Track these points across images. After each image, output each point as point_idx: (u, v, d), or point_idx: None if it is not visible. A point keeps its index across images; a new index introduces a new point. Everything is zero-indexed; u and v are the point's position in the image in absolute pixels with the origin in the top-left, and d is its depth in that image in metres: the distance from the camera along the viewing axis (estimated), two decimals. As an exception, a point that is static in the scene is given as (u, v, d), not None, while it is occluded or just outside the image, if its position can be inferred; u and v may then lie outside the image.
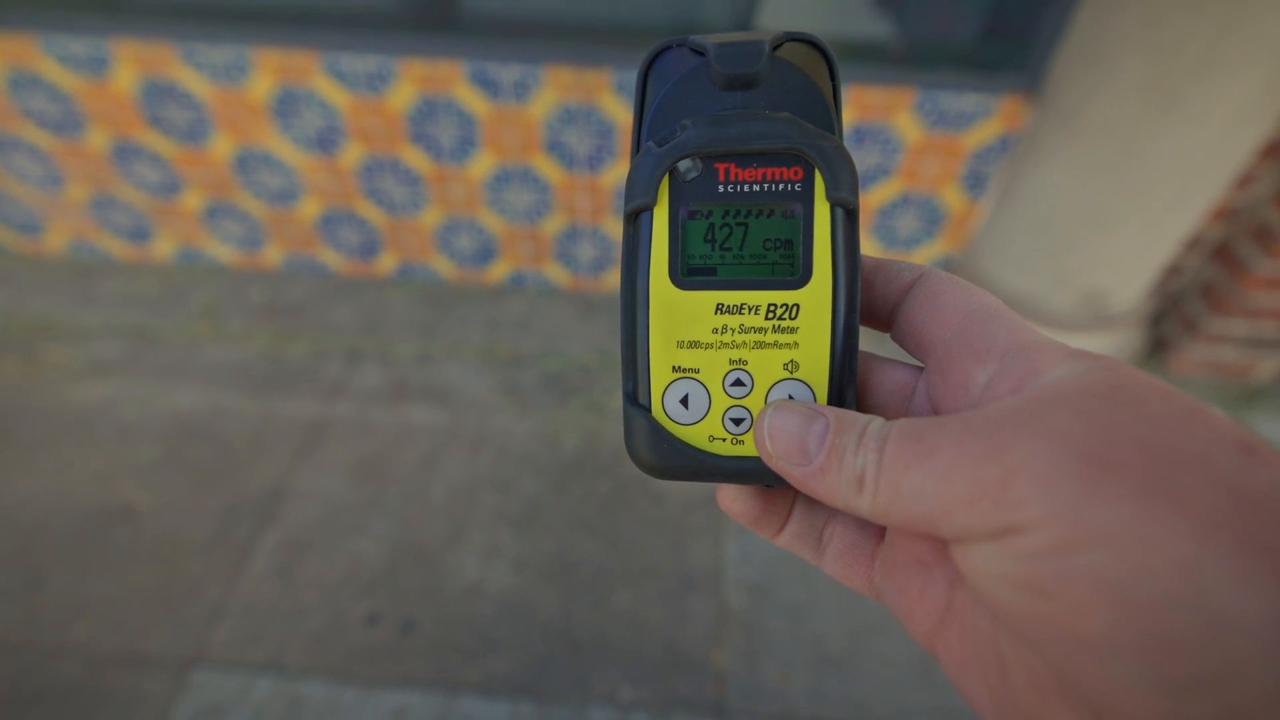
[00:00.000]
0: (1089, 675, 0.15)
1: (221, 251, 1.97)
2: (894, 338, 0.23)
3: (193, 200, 1.84)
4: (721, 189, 0.21)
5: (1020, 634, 0.16)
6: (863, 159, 1.58)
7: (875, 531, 0.23)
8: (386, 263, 1.95)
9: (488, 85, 1.52)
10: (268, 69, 1.53)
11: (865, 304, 0.23)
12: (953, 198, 1.65)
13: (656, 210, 0.21)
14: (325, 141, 1.66)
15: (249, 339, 1.80)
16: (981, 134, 1.52)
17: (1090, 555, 0.14)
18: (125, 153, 1.73)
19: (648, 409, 0.22)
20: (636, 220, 0.22)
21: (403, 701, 1.15)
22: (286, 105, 1.60)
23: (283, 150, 1.69)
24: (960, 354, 0.19)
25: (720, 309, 0.21)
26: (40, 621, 1.24)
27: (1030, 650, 0.17)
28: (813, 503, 0.24)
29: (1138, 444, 0.15)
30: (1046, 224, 1.51)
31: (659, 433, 0.22)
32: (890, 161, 1.58)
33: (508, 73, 1.49)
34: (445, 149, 1.65)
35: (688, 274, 0.22)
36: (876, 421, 0.19)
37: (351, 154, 1.68)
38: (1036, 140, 1.46)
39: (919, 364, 0.22)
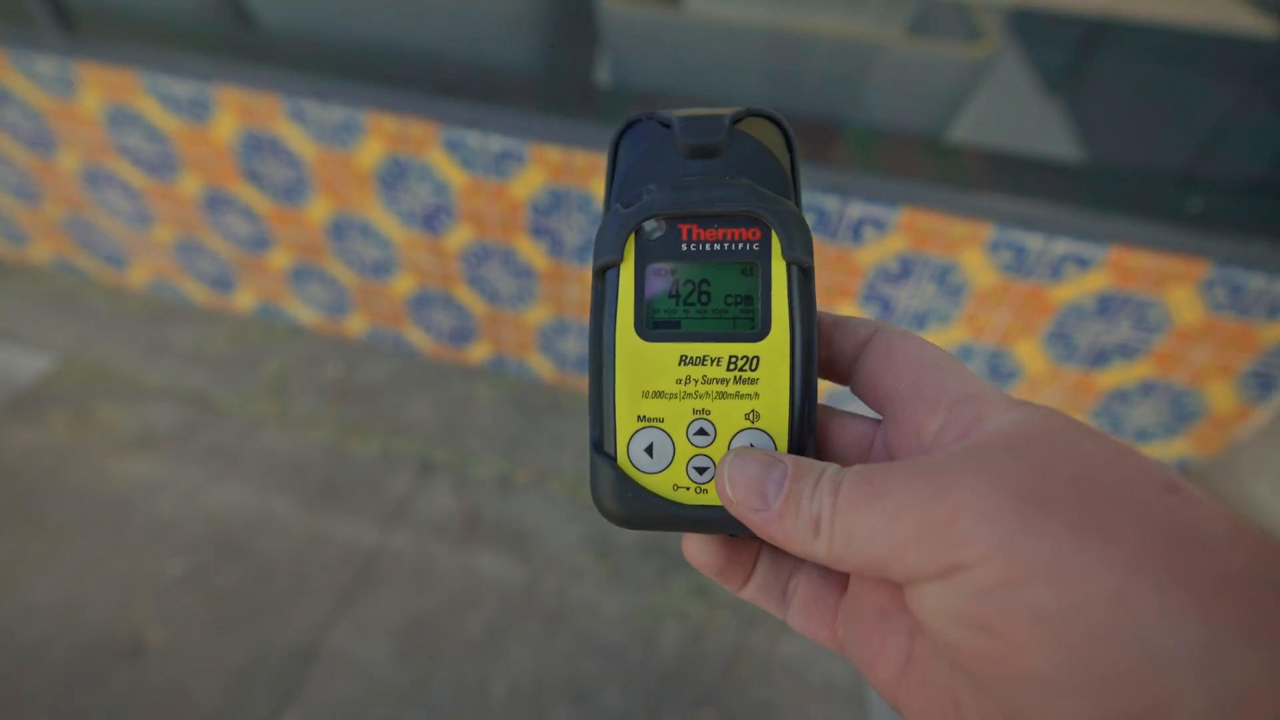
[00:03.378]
0: (1036, 714, 0.15)
1: (303, 313, 1.76)
2: (853, 390, 0.23)
3: (280, 259, 1.63)
4: (685, 248, 0.22)
5: (971, 675, 0.17)
6: (1106, 334, 1.18)
7: (838, 583, 0.23)
8: (478, 352, 1.69)
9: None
10: (381, 135, 1.30)
11: (825, 358, 0.24)
12: (1220, 395, 1.23)
13: (623, 266, 0.22)
14: (432, 219, 1.41)
15: (315, 426, 1.56)
16: (1292, 328, 1.11)
17: (1029, 590, 0.15)
18: (217, 202, 1.54)
19: (613, 458, 0.22)
20: (604, 276, 0.23)
21: None
22: (395, 176, 1.36)
23: (383, 222, 1.46)
24: (913, 404, 0.20)
25: (684, 360, 0.22)
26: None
27: (983, 693, 0.17)
28: (778, 555, 0.24)
29: (1070, 481, 0.15)
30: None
31: (624, 481, 0.22)
32: (1145, 341, 1.18)
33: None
34: (568, 245, 1.36)
35: (653, 326, 0.22)
36: (832, 467, 0.19)
37: (459, 236, 1.43)
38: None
39: (878, 416, 0.23)
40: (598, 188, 1.26)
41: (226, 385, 1.64)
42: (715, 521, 0.22)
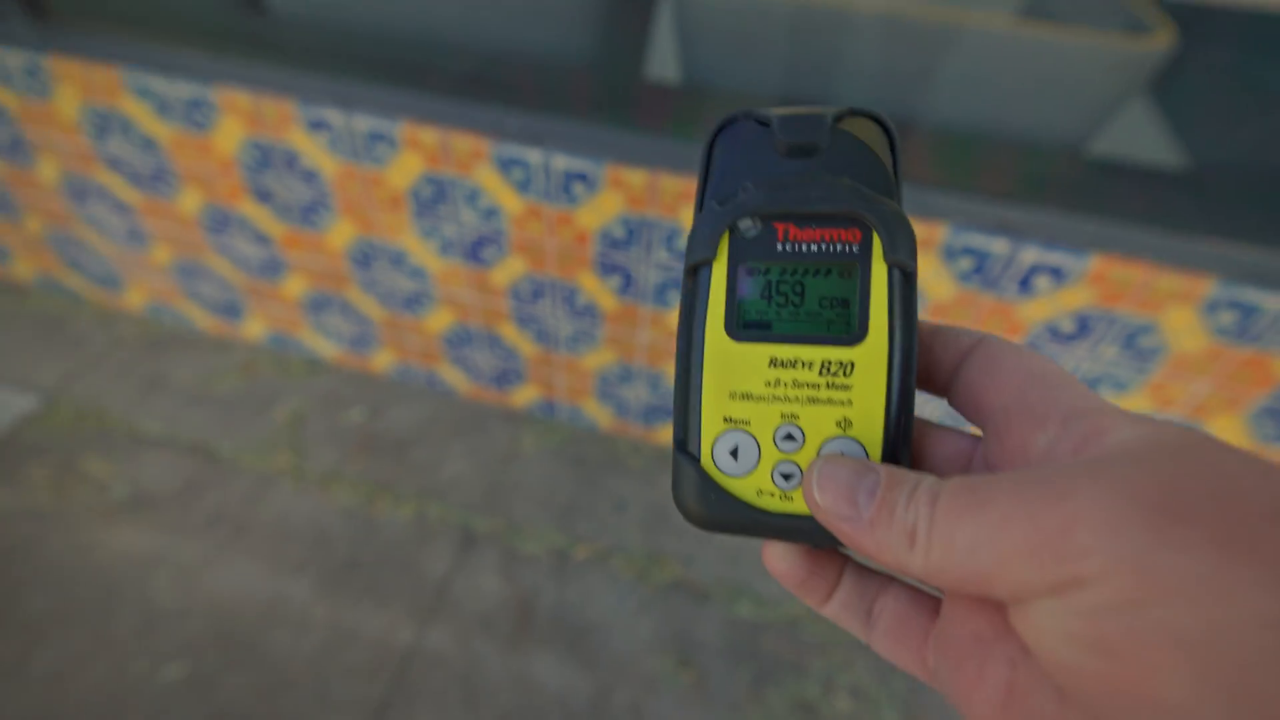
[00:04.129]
0: None
1: (322, 346, 1.53)
2: (952, 403, 0.22)
3: (295, 286, 1.40)
4: (780, 248, 0.21)
5: (1087, 706, 0.15)
6: (1340, 412, 0.93)
7: (929, 606, 0.21)
8: (524, 395, 1.45)
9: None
10: (418, 150, 1.05)
11: (923, 368, 0.22)
12: None
13: (715, 265, 0.22)
14: (478, 250, 1.17)
15: (336, 485, 1.33)
16: None
17: (1161, 609, 0.13)
18: (221, 221, 1.30)
19: (697, 458, 0.22)
20: (696, 274, 0.22)
21: None
22: (433, 199, 1.11)
23: (418, 250, 1.21)
24: (1019, 418, 0.18)
25: (774, 363, 0.21)
26: None
27: None
28: (863, 571, 0.23)
29: (1211, 496, 0.14)
30: None
31: (707, 483, 0.22)
32: (1391, 423, 0.93)
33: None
34: (645, 285, 1.12)
35: (744, 327, 0.21)
36: (930, 478, 0.18)
37: (510, 269, 1.18)
38: None
39: (978, 432, 0.21)
40: (687, 217, 1.01)
41: (234, 432, 1.41)
42: (799, 530, 0.21)
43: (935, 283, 0.97)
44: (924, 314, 1.00)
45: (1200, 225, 0.88)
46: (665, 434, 1.41)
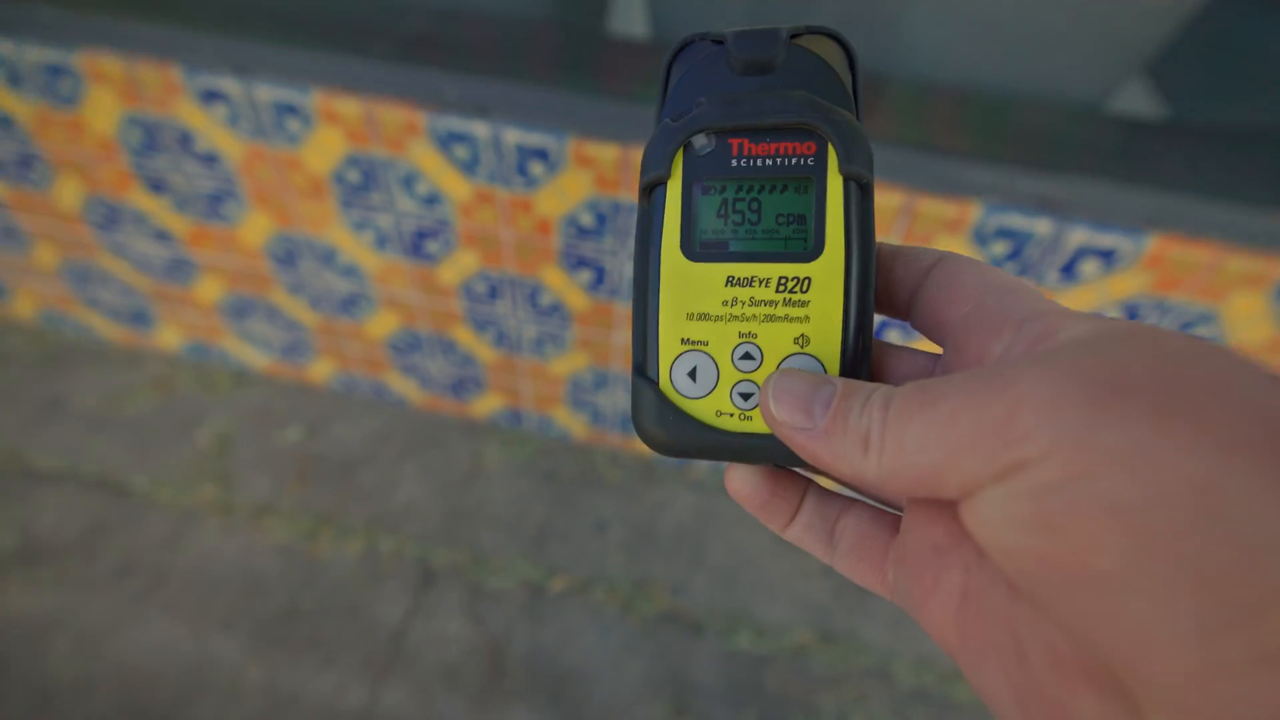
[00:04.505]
0: (1106, 624, 0.13)
1: (249, 355, 1.33)
2: (913, 324, 0.21)
3: (209, 289, 1.20)
4: (735, 164, 0.21)
5: (1033, 590, 0.15)
6: None
7: (889, 524, 0.22)
8: (486, 405, 1.28)
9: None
10: (338, 126, 0.86)
11: (884, 290, 0.22)
12: None
13: (670, 184, 0.21)
14: (420, 243, 0.99)
15: (271, 519, 1.16)
16: None
17: (1100, 482, 0.13)
18: (108, 216, 1.09)
19: (655, 382, 0.21)
20: (651, 194, 0.21)
21: None
22: (361, 184, 0.93)
23: (349, 245, 1.03)
24: (977, 328, 0.18)
25: (731, 281, 0.21)
26: None
27: (1045, 619, 0.15)
28: (825, 494, 0.23)
29: (1152, 370, 0.13)
30: None
31: (666, 406, 0.21)
32: None
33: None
34: (621, 279, 0.95)
35: (700, 246, 0.21)
36: (885, 387, 0.18)
37: (460, 265, 1.01)
38: None
39: (938, 351, 0.21)
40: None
41: (148, 462, 1.22)
42: (760, 450, 0.21)
43: (962, 271, 0.82)
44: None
45: (1267, 189, 0.75)
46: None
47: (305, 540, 1.14)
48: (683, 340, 0.21)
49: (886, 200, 0.78)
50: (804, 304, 0.20)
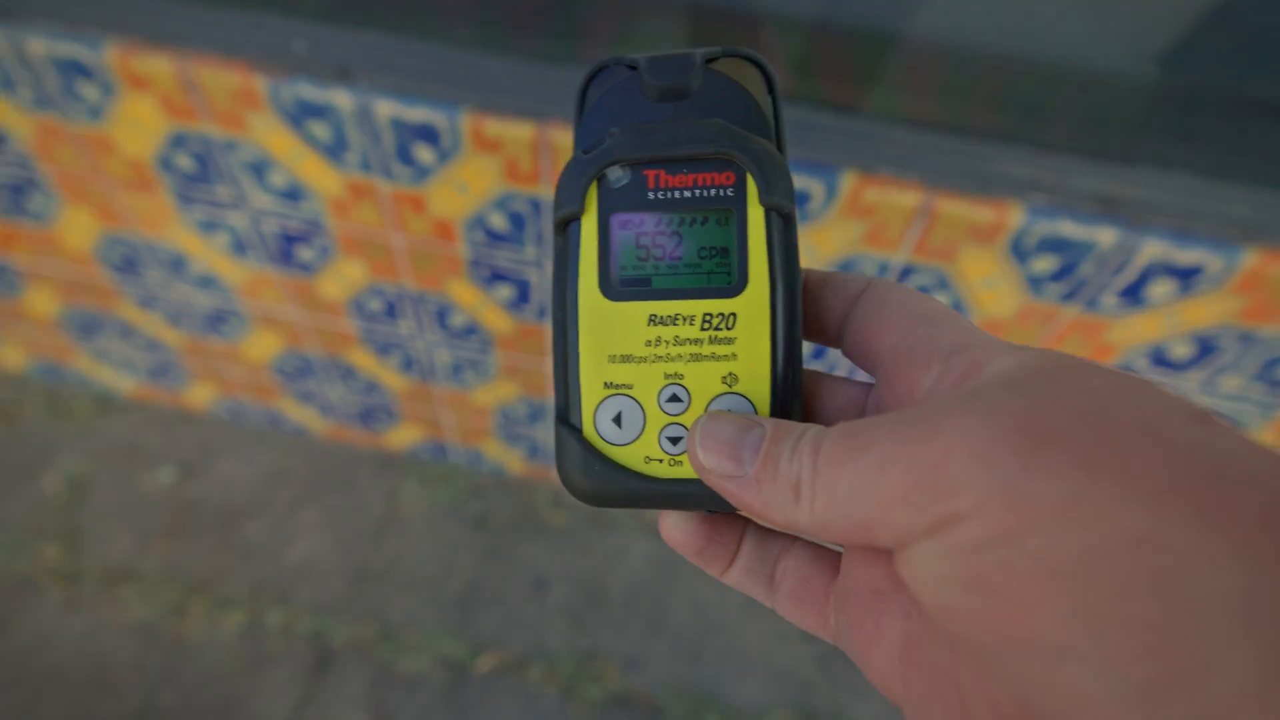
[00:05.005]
0: (1045, 689, 0.12)
1: (111, 377, 1.09)
2: (845, 353, 0.21)
3: (40, 301, 0.95)
4: (652, 195, 0.20)
5: (971, 648, 0.14)
6: None
7: (830, 564, 0.21)
8: (404, 436, 1.06)
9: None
10: (146, 91, 0.63)
11: (813, 318, 0.21)
12: None
13: (585, 219, 0.20)
14: (288, 248, 0.76)
15: (128, 589, 0.93)
16: None
17: (1033, 539, 0.12)
18: (-110, 212, 0.84)
19: (579, 429, 0.20)
20: (566, 230, 0.20)
21: None
22: (197, 172, 0.69)
23: (199, 251, 0.80)
24: (906, 360, 0.18)
25: (654, 320, 0.20)
26: None
27: (986, 673, 0.14)
28: (765, 534, 0.22)
29: (1079, 414, 0.13)
30: None
31: (591, 455, 0.20)
32: None
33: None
34: (548, 296, 0.74)
35: (620, 284, 0.20)
36: (816, 428, 0.17)
37: (343, 277, 0.78)
38: None
39: (870, 380, 0.21)
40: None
41: (-24, 516, 0.98)
42: (692, 497, 0.20)
43: (992, 293, 0.63)
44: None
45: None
46: (596, 478, 1.05)
47: (170, 615, 0.92)
48: (606, 384, 0.20)
49: (897, 199, 0.57)
50: (730, 341, 0.19)
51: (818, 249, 0.63)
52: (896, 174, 0.57)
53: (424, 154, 0.62)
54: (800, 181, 0.58)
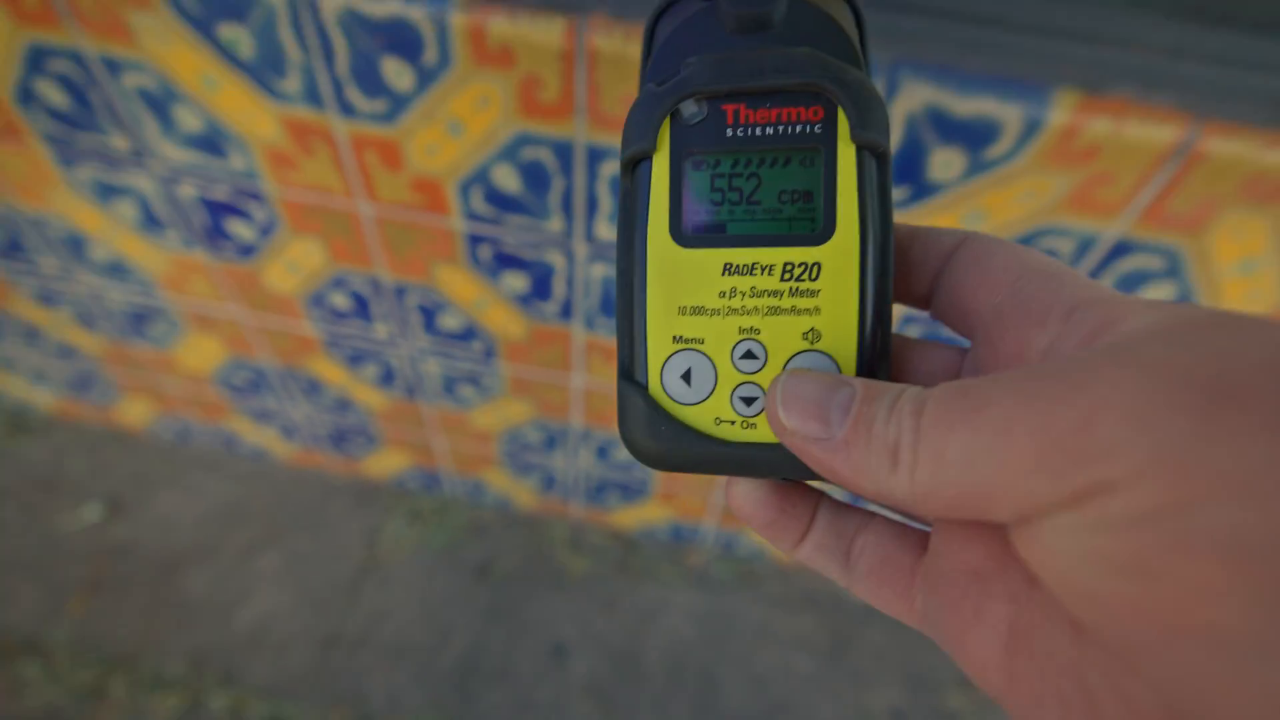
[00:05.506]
0: (1219, 693, 0.10)
1: (24, 389, 0.88)
2: (935, 314, 0.18)
3: (-82, 297, 0.74)
4: (730, 133, 0.18)
5: (1112, 642, 0.12)
6: None
7: (915, 542, 0.18)
8: (387, 463, 0.86)
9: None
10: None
11: (900, 276, 0.18)
12: None
13: (656, 158, 0.18)
14: (216, 222, 0.55)
15: (30, 665, 0.73)
16: None
17: (1208, 514, 0.10)
18: None
19: (644, 386, 0.18)
20: (635, 171, 0.18)
21: None
22: (79, 114, 0.48)
23: (94, 224, 0.59)
24: (1014, 317, 0.15)
25: (729, 269, 0.18)
26: None
27: (1128, 671, 0.12)
28: (840, 508, 0.19)
29: (1263, 368, 0.10)
30: None
31: (657, 414, 0.18)
32: None
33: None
34: (572, 281, 0.53)
35: (692, 230, 0.18)
36: (914, 388, 0.14)
37: (295, 262, 0.58)
38: None
39: (965, 343, 0.18)
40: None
41: None
42: (765, 463, 0.18)
43: (1249, 281, 0.42)
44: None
45: None
46: (625, 515, 0.85)
47: (84, 700, 0.71)
48: (675, 338, 0.18)
49: (1139, 134, 0.36)
50: (813, 294, 0.17)
51: (989, 216, 0.42)
52: (1141, 95, 0.36)
53: (398, 74, 0.41)
54: (979, 109, 0.37)
